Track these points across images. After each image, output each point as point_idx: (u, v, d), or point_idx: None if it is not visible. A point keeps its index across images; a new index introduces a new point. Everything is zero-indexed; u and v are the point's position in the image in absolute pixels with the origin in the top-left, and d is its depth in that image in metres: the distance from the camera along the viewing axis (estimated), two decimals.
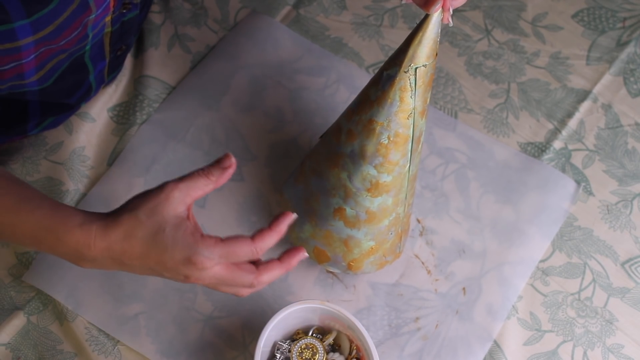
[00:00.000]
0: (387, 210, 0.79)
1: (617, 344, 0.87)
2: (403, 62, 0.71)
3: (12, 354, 0.83)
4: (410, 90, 0.71)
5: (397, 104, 0.72)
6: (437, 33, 0.70)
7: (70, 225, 0.65)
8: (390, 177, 0.76)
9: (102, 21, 0.79)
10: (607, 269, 0.91)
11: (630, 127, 0.99)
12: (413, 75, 0.71)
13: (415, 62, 0.70)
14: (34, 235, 0.66)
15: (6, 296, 0.86)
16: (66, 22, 0.71)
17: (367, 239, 0.81)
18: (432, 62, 0.72)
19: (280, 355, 0.80)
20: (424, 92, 0.73)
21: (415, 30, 0.70)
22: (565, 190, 0.95)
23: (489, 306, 0.88)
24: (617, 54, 1.03)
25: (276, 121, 0.97)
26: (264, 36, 1.02)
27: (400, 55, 0.71)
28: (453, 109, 0.99)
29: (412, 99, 0.72)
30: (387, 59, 0.74)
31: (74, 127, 0.94)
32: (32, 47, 0.71)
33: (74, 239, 0.65)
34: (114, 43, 0.86)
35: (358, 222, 0.80)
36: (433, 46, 0.71)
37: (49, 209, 0.67)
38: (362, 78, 1.00)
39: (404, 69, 0.70)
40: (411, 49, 0.70)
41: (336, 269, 0.86)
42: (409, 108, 0.72)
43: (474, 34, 1.05)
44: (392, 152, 0.75)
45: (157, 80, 0.99)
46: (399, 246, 0.86)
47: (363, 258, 0.83)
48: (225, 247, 0.64)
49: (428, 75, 0.72)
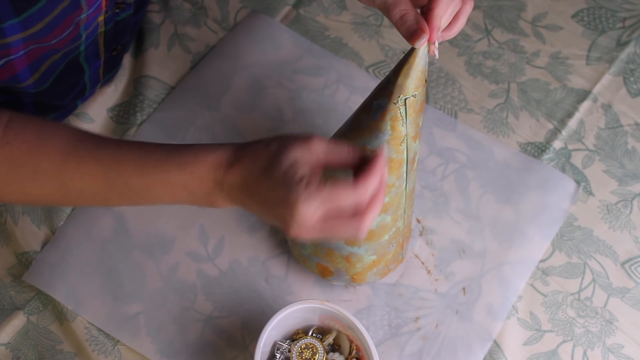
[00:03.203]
0: (386, 227, 0.79)
1: (617, 344, 0.87)
2: (392, 93, 0.69)
3: (12, 354, 0.83)
4: (401, 119, 0.70)
5: (388, 133, 0.71)
6: (425, 64, 0.69)
7: (203, 153, 0.65)
8: (387, 198, 0.76)
9: (94, 21, 0.79)
10: (607, 269, 0.91)
11: (630, 127, 0.99)
12: (403, 105, 0.70)
13: (404, 94, 0.69)
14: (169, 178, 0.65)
15: (6, 296, 0.86)
16: (56, 20, 0.71)
17: (368, 254, 0.82)
18: (422, 90, 0.70)
19: (280, 355, 0.80)
20: (415, 119, 0.72)
21: (402, 62, 0.69)
22: (565, 190, 0.95)
23: (489, 306, 0.88)
24: (617, 54, 1.03)
25: (276, 121, 0.97)
26: (264, 36, 1.02)
27: (389, 86, 0.70)
28: (453, 109, 0.99)
29: (403, 127, 0.71)
30: (376, 88, 0.73)
31: None
32: (21, 44, 0.71)
33: (208, 166, 0.63)
34: (108, 43, 0.86)
35: (358, 240, 0.80)
36: (421, 76, 0.69)
37: (175, 147, 0.66)
38: (362, 78, 1.00)
39: (394, 101, 0.69)
40: (399, 80, 0.69)
41: (340, 282, 0.86)
42: (401, 135, 0.72)
43: (474, 34, 1.05)
44: (388, 176, 0.74)
45: (157, 80, 0.99)
46: (402, 253, 0.86)
47: (366, 271, 0.84)
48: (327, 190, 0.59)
49: (419, 103, 0.71)
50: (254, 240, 0.90)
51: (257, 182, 0.62)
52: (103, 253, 0.88)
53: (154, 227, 0.90)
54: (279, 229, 0.78)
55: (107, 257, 0.88)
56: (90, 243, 0.88)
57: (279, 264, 0.89)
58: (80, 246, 0.88)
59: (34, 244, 0.88)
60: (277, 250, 0.90)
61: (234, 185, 0.63)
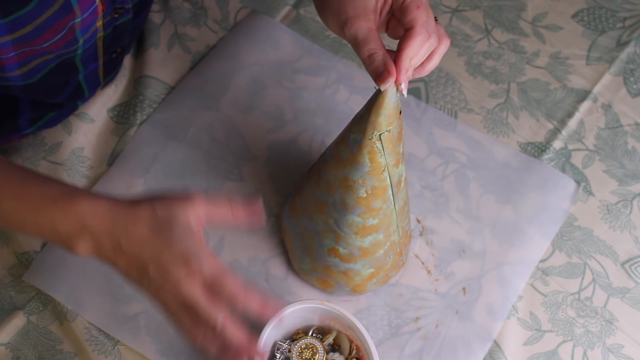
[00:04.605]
0: (379, 244, 0.80)
1: (617, 344, 0.87)
2: (366, 129, 0.69)
3: (12, 354, 0.83)
4: (379, 152, 0.70)
5: (368, 165, 0.71)
6: (396, 100, 0.68)
7: (80, 194, 0.65)
8: (377, 219, 0.76)
9: (92, 26, 0.78)
10: (607, 269, 0.91)
11: (630, 127, 0.99)
12: (378, 140, 0.69)
13: (377, 130, 0.69)
14: (38, 205, 0.65)
15: (6, 296, 0.86)
16: (46, 23, 0.71)
17: (365, 268, 0.82)
18: (397, 122, 0.70)
19: (280, 355, 0.80)
20: (394, 149, 0.71)
21: (372, 100, 0.68)
22: (565, 190, 0.95)
23: (489, 306, 0.88)
24: (617, 54, 1.03)
25: (276, 121, 0.97)
26: (264, 36, 1.02)
27: (362, 122, 0.69)
28: (453, 109, 0.99)
29: (382, 159, 0.71)
30: (351, 121, 0.72)
31: (73, 128, 0.94)
32: (9, 46, 0.71)
33: (81, 207, 0.64)
34: (107, 46, 0.86)
35: (353, 257, 0.81)
36: (394, 112, 0.68)
37: (58, 183, 0.67)
38: (362, 78, 1.00)
39: (368, 137, 0.69)
40: (371, 118, 0.68)
41: (342, 294, 0.86)
42: (381, 166, 0.71)
43: (474, 34, 1.05)
44: (373, 202, 0.74)
45: (157, 80, 0.99)
46: (401, 259, 0.86)
47: (365, 282, 0.84)
48: (222, 270, 0.63)
49: (396, 134, 0.70)
50: (254, 240, 0.90)
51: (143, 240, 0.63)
52: None
53: None
54: None
55: None
56: None
57: (279, 264, 0.89)
58: None
59: (34, 244, 0.88)
60: (277, 250, 0.90)
61: (105, 236, 0.64)
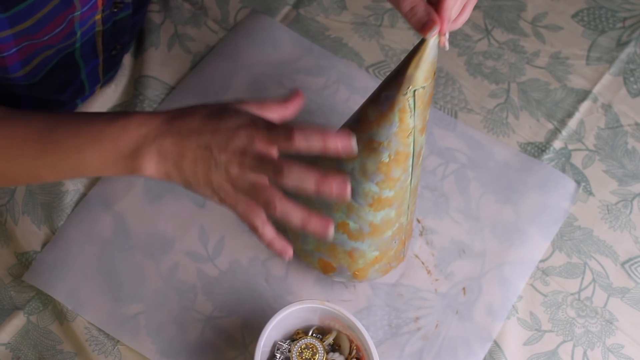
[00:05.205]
0: (390, 222, 0.79)
1: (617, 344, 0.87)
2: (401, 85, 0.70)
3: (12, 354, 0.84)
4: (409, 111, 0.71)
5: (396, 125, 0.71)
6: (435, 55, 0.69)
7: (133, 112, 0.66)
8: (393, 192, 0.76)
9: (91, 19, 0.79)
10: (607, 269, 0.91)
11: (630, 127, 0.99)
12: (412, 97, 0.70)
13: (413, 85, 0.69)
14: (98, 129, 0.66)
15: (6, 296, 0.86)
16: (47, 16, 0.71)
17: (371, 249, 0.81)
18: (431, 82, 0.71)
19: (280, 355, 0.80)
20: (423, 111, 0.72)
21: (412, 53, 0.69)
22: (565, 190, 0.95)
23: (489, 306, 0.88)
24: (617, 54, 1.03)
25: None
26: (264, 36, 1.02)
27: (399, 77, 0.70)
28: (453, 109, 0.99)
29: (411, 119, 0.71)
30: (385, 80, 0.73)
31: None
32: (11, 40, 0.71)
33: (138, 120, 0.65)
34: (106, 42, 0.86)
35: (362, 234, 0.80)
36: (431, 68, 0.70)
37: (104, 113, 0.69)
38: (362, 78, 1.00)
39: (403, 92, 0.70)
40: (409, 72, 0.69)
41: (342, 279, 0.86)
42: (408, 128, 0.72)
43: (474, 34, 1.05)
44: (394, 169, 0.74)
45: (157, 80, 0.99)
46: (403, 251, 0.86)
47: (368, 267, 0.84)
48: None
49: (427, 96, 0.71)
50: (254, 240, 0.90)
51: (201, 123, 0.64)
52: (103, 253, 0.88)
53: (153, 227, 0.90)
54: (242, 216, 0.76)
55: (107, 257, 0.88)
56: (90, 243, 0.88)
57: (279, 264, 0.89)
58: (80, 246, 0.88)
59: (34, 244, 0.88)
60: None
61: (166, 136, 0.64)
